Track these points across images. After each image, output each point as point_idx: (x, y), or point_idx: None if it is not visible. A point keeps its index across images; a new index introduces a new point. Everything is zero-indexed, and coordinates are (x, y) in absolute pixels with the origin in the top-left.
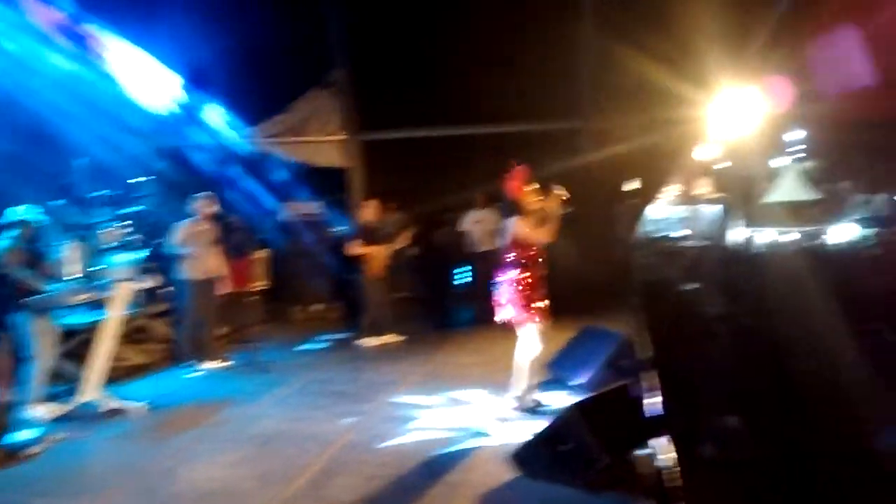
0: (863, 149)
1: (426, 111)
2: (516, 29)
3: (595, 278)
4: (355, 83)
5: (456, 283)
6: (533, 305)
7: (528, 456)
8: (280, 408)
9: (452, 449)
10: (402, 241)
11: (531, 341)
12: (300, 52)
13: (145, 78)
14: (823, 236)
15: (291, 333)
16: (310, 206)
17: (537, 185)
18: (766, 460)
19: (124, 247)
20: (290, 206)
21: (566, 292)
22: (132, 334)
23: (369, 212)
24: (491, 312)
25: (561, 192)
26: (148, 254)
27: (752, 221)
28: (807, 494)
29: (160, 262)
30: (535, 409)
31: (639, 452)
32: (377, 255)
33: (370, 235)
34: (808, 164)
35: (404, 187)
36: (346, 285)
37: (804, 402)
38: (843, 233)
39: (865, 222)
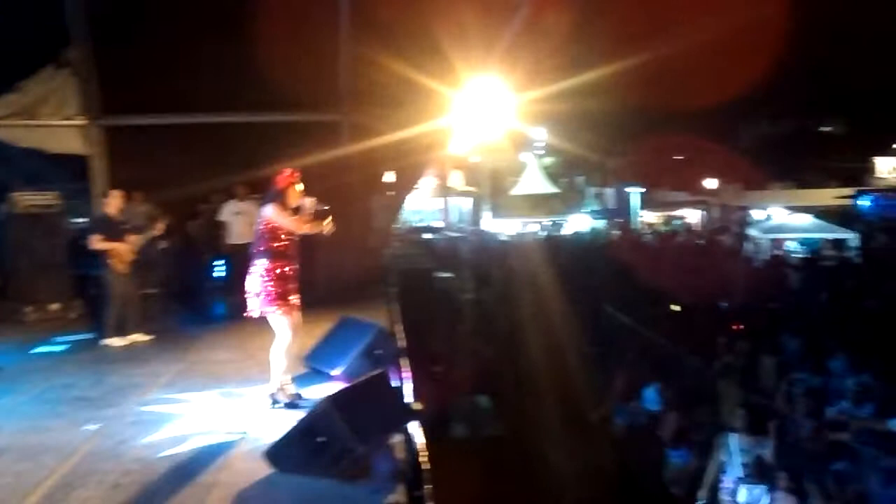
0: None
1: (178, 96)
2: (275, 18)
3: (352, 269)
4: (98, 62)
5: (213, 276)
6: (285, 298)
7: (284, 451)
8: (11, 419)
9: (205, 450)
10: (151, 233)
11: (284, 334)
12: (32, 26)
13: None
14: (561, 226)
15: (24, 336)
16: (43, 197)
17: (303, 187)
18: (512, 437)
19: None
20: (16, 197)
21: (323, 283)
22: None
23: (113, 203)
24: (246, 306)
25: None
26: None
27: (500, 212)
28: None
29: None
30: (292, 403)
31: (394, 438)
32: (122, 250)
33: (114, 228)
34: (549, 160)
35: (155, 177)
36: (88, 282)
37: (537, 380)
38: (579, 223)
39: (597, 213)
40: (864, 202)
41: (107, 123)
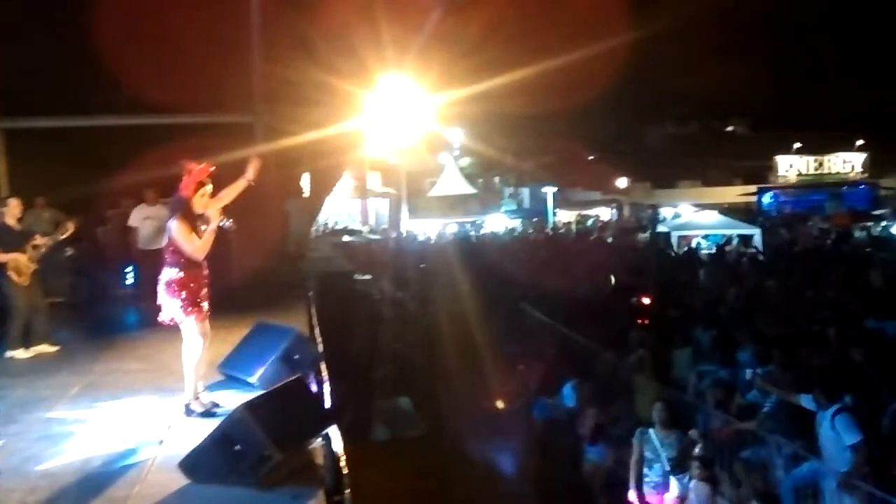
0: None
1: (79, 97)
2: (182, 19)
3: (269, 274)
4: None
5: (123, 283)
6: (196, 305)
7: (199, 460)
8: None
9: (118, 463)
10: (57, 237)
11: (196, 342)
12: None
13: None
14: (479, 226)
15: None
16: None
17: (211, 186)
18: (433, 436)
19: None
20: None
21: (239, 289)
22: None
23: (10, 212)
24: (158, 314)
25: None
26: None
27: (418, 213)
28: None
29: None
30: (207, 412)
31: (313, 443)
32: (20, 260)
33: (11, 238)
34: (465, 161)
35: (58, 182)
36: None
37: (457, 379)
38: (496, 222)
39: (513, 213)
40: (767, 199)
41: (3, 126)
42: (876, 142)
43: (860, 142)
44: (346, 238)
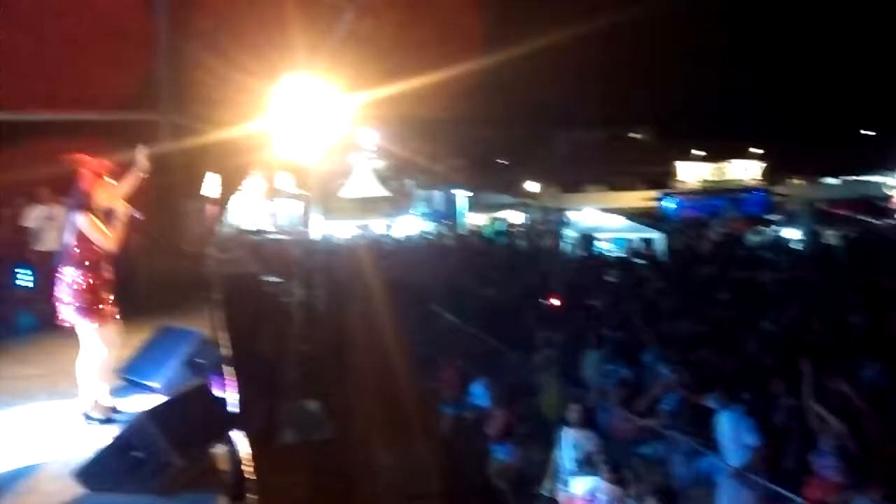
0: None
1: None
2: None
3: (173, 275)
4: None
5: (17, 285)
6: (98, 307)
7: (97, 468)
8: None
9: (10, 473)
10: None
11: (97, 346)
12: None
13: None
14: (390, 228)
15: None
16: None
17: (114, 181)
18: (342, 439)
19: None
20: None
21: (142, 291)
22: None
23: None
24: (56, 316)
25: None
26: None
27: (330, 215)
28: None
29: None
30: (107, 418)
31: (217, 449)
32: None
33: None
34: (379, 163)
35: None
36: None
37: (367, 381)
38: (408, 225)
39: (426, 216)
40: (669, 204)
41: None
42: (772, 151)
43: (758, 150)
44: (254, 239)
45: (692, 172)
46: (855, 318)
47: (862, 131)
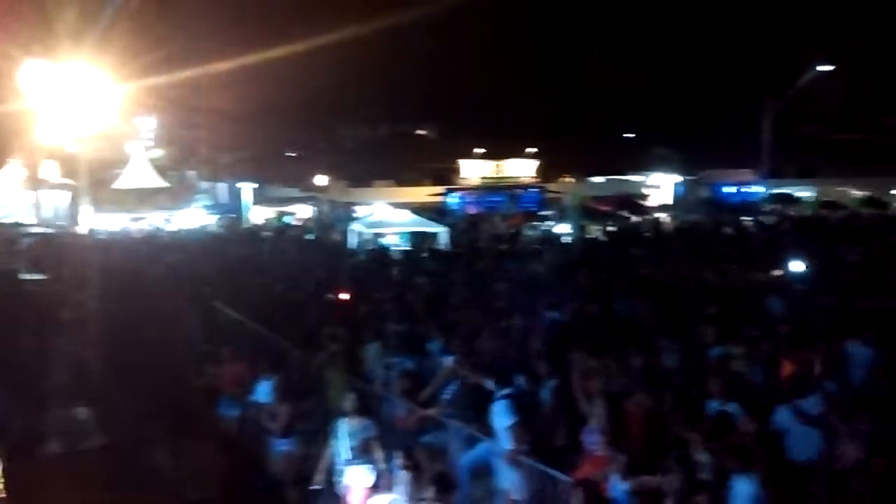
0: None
1: None
2: None
3: None
4: None
5: None
6: None
7: None
8: None
9: None
10: None
11: None
12: None
13: None
14: (168, 222)
15: None
16: None
17: None
18: (116, 446)
19: None
20: None
21: None
22: None
23: None
24: None
25: None
26: None
27: (102, 207)
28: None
29: None
30: None
31: None
32: None
33: None
34: (158, 152)
35: None
36: None
37: (145, 384)
38: (190, 218)
39: (209, 208)
40: (453, 200)
41: None
42: (545, 150)
43: (533, 149)
44: (12, 233)
45: (474, 170)
46: (618, 305)
47: (624, 135)
